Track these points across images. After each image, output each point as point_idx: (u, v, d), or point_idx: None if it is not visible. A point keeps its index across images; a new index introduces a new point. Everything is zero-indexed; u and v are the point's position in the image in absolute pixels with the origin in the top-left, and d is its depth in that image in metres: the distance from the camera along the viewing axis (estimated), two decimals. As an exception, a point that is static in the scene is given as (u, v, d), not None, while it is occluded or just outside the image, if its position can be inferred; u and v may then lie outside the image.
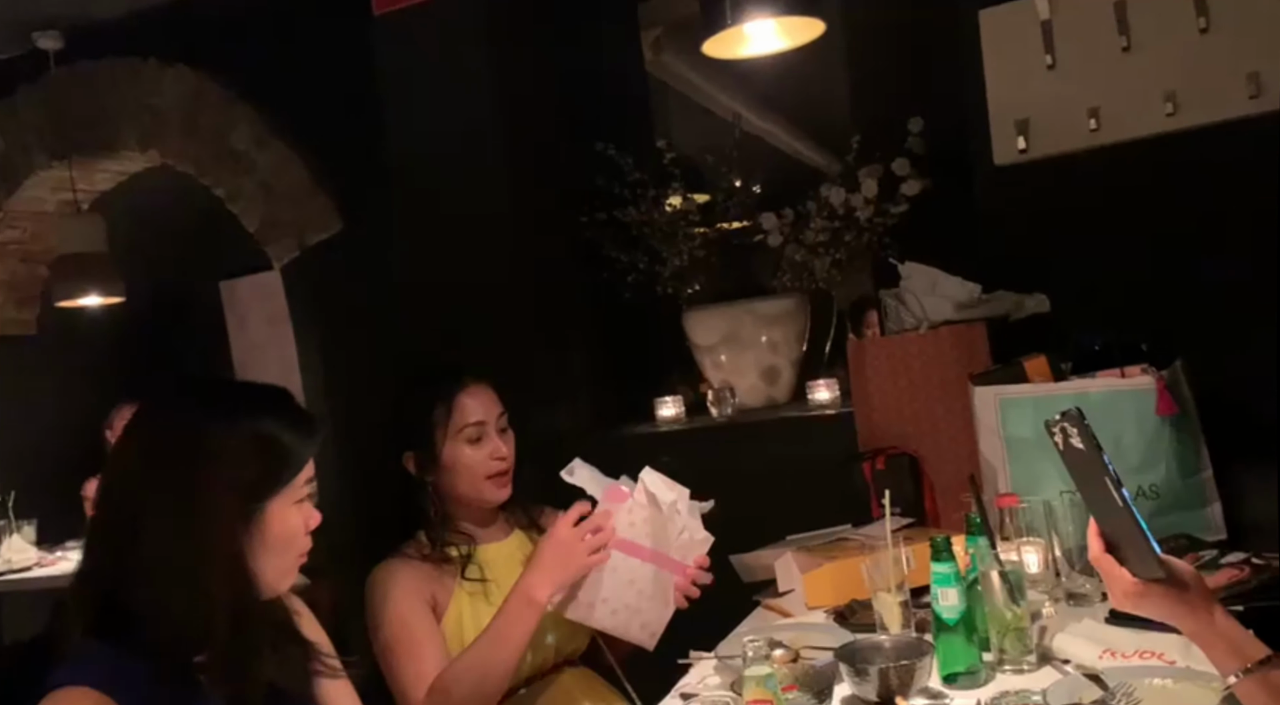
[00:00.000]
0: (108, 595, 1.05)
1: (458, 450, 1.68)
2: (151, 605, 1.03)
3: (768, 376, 2.62)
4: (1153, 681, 1.22)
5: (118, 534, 1.06)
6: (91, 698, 0.99)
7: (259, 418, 1.12)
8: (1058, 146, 2.12)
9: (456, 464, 1.68)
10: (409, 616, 1.59)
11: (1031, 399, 1.85)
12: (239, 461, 1.07)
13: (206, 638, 1.05)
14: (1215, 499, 1.77)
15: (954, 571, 1.38)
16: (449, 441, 1.68)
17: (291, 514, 1.12)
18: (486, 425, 1.69)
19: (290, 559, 1.14)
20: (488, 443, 1.69)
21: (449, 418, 1.68)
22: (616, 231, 2.64)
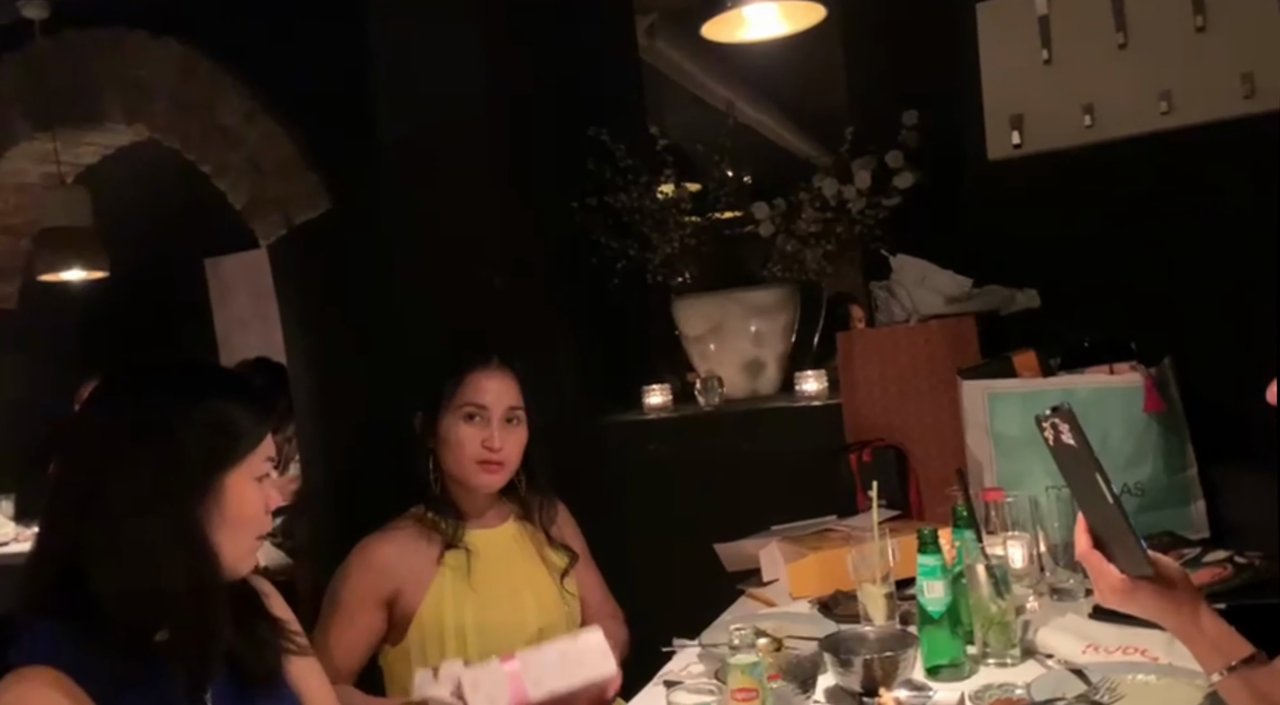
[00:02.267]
0: (64, 574, 1.04)
1: (454, 425, 1.68)
2: (109, 583, 1.02)
3: (755, 367, 2.61)
4: (1136, 677, 1.23)
5: (73, 513, 1.05)
6: (49, 677, 0.98)
7: (211, 395, 1.12)
8: (1052, 142, 2.12)
9: (449, 439, 1.68)
10: (355, 601, 1.63)
11: (1020, 394, 1.85)
12: (192, 436, 1.07)
13: (166, 614, 1.04)
14: (1199, 497, 1.78)
15: (940, 564, 1.38)
16: (448, 414, 1.69)
17: (250, 491, 1.12)
18: (489, 411, 1.69)
19: (249, 539, 1.13)
20: (484, 428, 1.68)
21: (455, 391, 1.69)
22: (607, 217, 2.62)
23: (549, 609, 1.70)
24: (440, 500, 1.71)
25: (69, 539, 1.04)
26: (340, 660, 1.60)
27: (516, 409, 1.72)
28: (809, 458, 2.24)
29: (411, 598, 1.64)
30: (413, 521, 1.70)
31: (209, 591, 1.06)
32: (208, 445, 1.08)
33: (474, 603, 1.64)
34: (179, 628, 1.04)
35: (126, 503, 1.03)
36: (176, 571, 1.03)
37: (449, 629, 1.62)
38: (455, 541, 1.67)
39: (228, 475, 1.09)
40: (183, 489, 1.06)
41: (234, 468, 1.10)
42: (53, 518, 1.08)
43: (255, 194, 3.10)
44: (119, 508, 1.03)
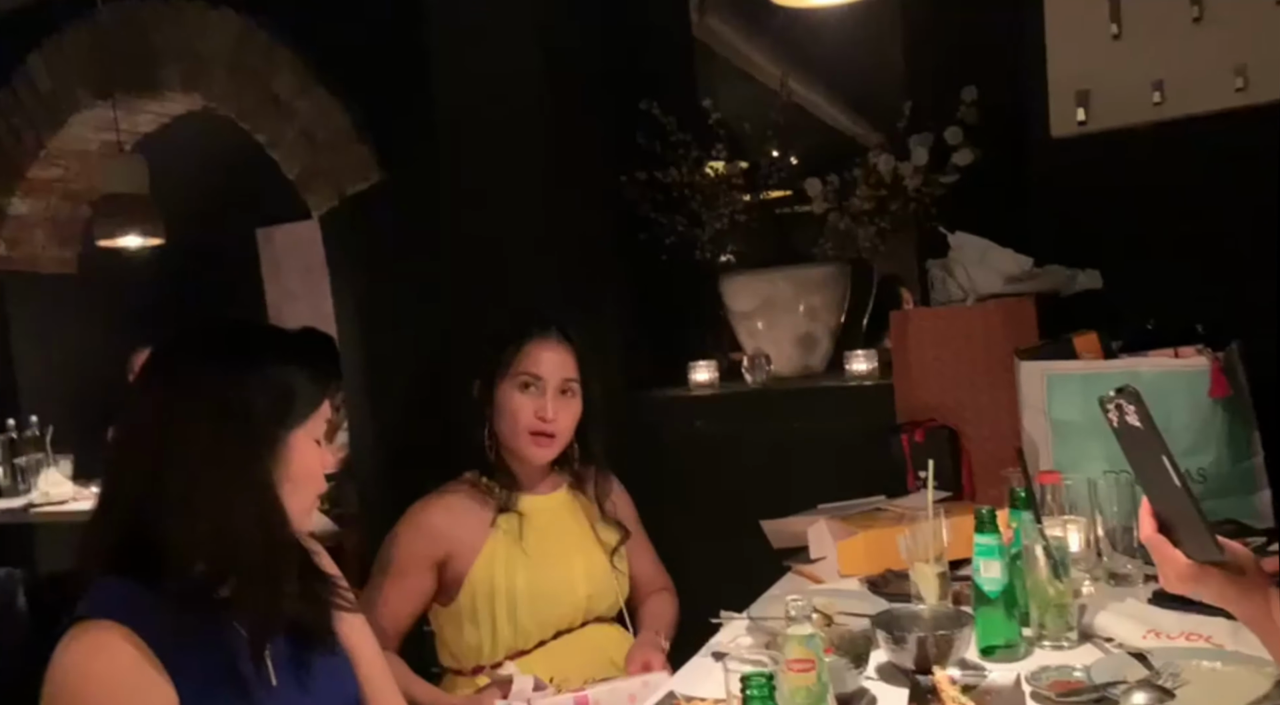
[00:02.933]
0: (129, 530, 1.06)
1: (508, 393, 1.69)
2: (177, 538, 1.04)
3: (804, 345, 2.59)
4: (1201, 663, 1.19)
5: (139, 470, 1.07)
6: (115, 630, 1.00)
7: (275, 356, 1.14)
8: (1118, 120, 2.06)
9: (504, 407, 1.69)
10: (407, 562, 1.65)
11: (1080, 376, 1.81)
12: (259, 394, 1.09)
13: (234, 567, 1.06)
14: (1265, 486, 1.73)
15: (997, 544, 1.36)
16: (504, 381, 1.70)
17: (311, 451, 1.15)
18: (544, 381, 1.70)
19: (309, 496, 1.17)
20: (538, 398, 1.69)
21: (513, 359, 1.70)
22: (656, 192, 2.61)
23: (598, 577, 1.71)
24: (495, 466, 1.72)
25: (137, 497, 1.06)
26: (389, 620, 1.62)
27: (571, 381, 1.72)
28: (857, 437, 2.22)
29: (463, 560, 1.65)
30: (467, 486, 1.71)
31: (278, 543, 1.09)
32: (273, 403, 1.10)
33: (525, 566, 1.65)
34: (247, 580, 1.06)
35: (197, 457, 1.05)
36: (248, 522, 1.05)
37: (500, 591, 1.64)
38: (508, 506, 1.68)
39: (292, 433, 1.12)
40: (251, 443, 1.08)
41: (298, 427, 1.12)
42: (119, 477, 1.10)
43: (308, 165, 3.14)
44: (190, 462, 1.05)
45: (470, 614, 1.65)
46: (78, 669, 1.00)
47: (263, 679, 1.08)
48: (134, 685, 1.00)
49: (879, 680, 1.31)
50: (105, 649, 1.00)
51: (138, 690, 1.00)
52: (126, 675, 0.99)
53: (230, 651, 1.06)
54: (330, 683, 1.18)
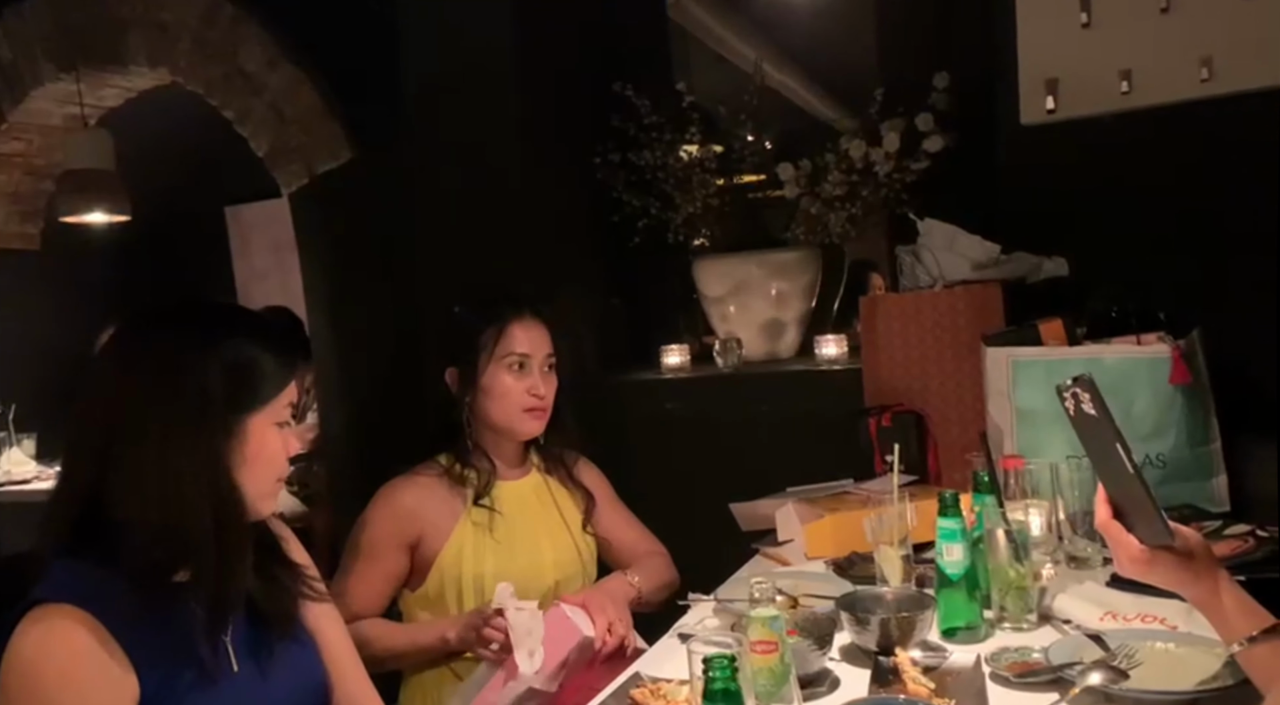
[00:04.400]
0: (88, 512, 1.04)
1: (498, 376, 1.69)
2: (133, 519, 1.03)
3: (775, 329, 2.60)
4: (1155, 644, 1.22)
5: (95, 451, 1.05)
6: (71, 614, 0.99)
7: (237, 337, 1.12)
8: (1087, 108, 2.07)
9: (493, 390, 1.69)
10: (379, 543, 1.65)
11: (1044, 362, 1.83)
12: (217, 376, 1.07)
13: (189, 551, 1.04)
14: (1222, 471, 1.77)
15: (960, 527, 1.38)
16: (491, 365, 1.69)
17: (271, 435, 1.13)
18: (531, 358, 1.70)
19: (270, 481, 1.15)
20: (528, 377, 1.69)
21: (496, 342, 1.69)
22: (629, 175, 2.60)
23: (566, 562, 1.72)
24: (473, 451, 1.71)
25: (93, 476, 1.05)
26: (362, 602, 1.62)
27: (551, 357, 1.73)
28: (827, 421, 2.24)
29: (432, 544, 1.65)
30: (439, 469, 1.70)
31: (232, 529, 1.07)
32: (232, 386, 1.08)
33: (494, 552, 1.66)
34: (201, 565, 1.05)
35: (151, 440, 1.03)
36: (201, 508, 1.04)
37: (467, 576, 1.64)
38: (484, 493, 1.68)
39: (251, 417, 1.10)
40: (207, 428, 1.06)
41: (258, 410, 1.11)
42: (76, 455, 1.09)
43: (277, 142, 3.10)
44: (144, 445, 1.03)
45: (438, 598, 1.65)
46: (36, 653, 0.98)
47: (223, 665, 1.07)
48: (94, 670, 0.98)
49: (842, 661, 1.33)
50: (64, 633, 0.99)
51: (98, 675, 0.99)
52: (87, 660, 0.98)
53: (190, 637, 1.05)
54: (295, 670, 1.17)
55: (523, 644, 1.43)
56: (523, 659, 1.42)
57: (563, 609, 1.53)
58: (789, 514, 1.85)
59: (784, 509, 1.86)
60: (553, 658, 1.47)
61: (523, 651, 1.43)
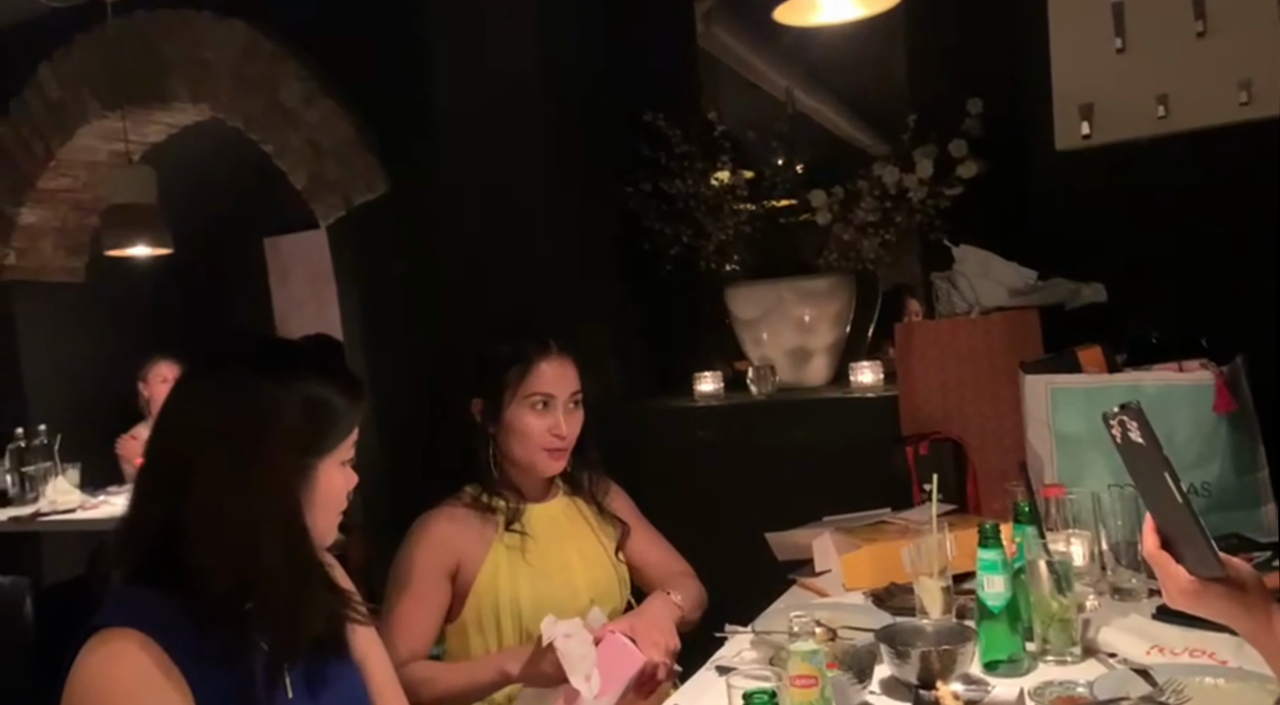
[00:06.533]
0: (157, 543, 1.06)
1: (521, 414, 1.69)
2: (206, 558, 1.04)
3: (808, 356, 2.59)
4: (1204, 680, 1.20)
5: (170, 487, 1.06)
6: (136, 639, 1.01)
7: (312, 378, 1.13)
8: (1123, 133, 2.06)
9: (516, 426, 1.69)
10: (423, 576, 1.65)
11: (1083, 390, 1.81)
12: (294, 421, 1.09)
13: (259, 589, 1.06)
14: (1270, 499, 1.73)
15: (1001, 559, 1.36)
16: (515, 403, 1.69)
17: (337, 474, 1.15)
18: (556, 399, 1.70)
19: (333, 517, 1.17)
20: (551, 415, 1.69)
21: (521, 380, 1.69)
22: (660, 203, 2.62)
23: (600, 580, 1.72)
24: (498, 482, 1.72)
25: (164, 511, 1.06)
26: (413, 637, 1.61)
27: (577, 394, 1.73)
28: (862, 449, 2.22)
29: (468, 572, 1.66)
30: (468, 499, 1.71)
31: (303, 566, 1.09)
32: (310, 429, 1.10)
33: (528, 576, 1.66)
34: (271, 601, 1.06)
35: (230, 482, 1.05)
36: (275, 549, 1.05)
37: (504, 601, 1.64)
38: (514, 519, 1.68)
39: (325, 459, 1.12)
40: (287, 472, 1.08)
41: (331, 453, 1.13)
42: (149, 490, 1.10)
43: (315, 175, 3.16)
44: (222, 486, 1.05)
45: (476, 625, 1.66)
46: (101, 675, 1.00)
47: (279, 693, 1.08)
48: (156, 693, 1.00)
49: (882, 695, 1.31)
50: (128, 656, 1.00)
51: (159, 698, 1.00)
52: (149, 683, 0.99)
53: (248, 665, 1.06)
54: (345, 694, 1.18)
55: (577, 670, 1.43)
56: (580, 684, 1.42)
57: (618, 637, 1.51)
58: (826, 544, 1.83)
59: (821, 539, 1.84)
60: (613, 686, 1.46)
61: (579, 677, 1.42)
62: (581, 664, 1.43)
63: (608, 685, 1.46)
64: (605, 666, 1.46)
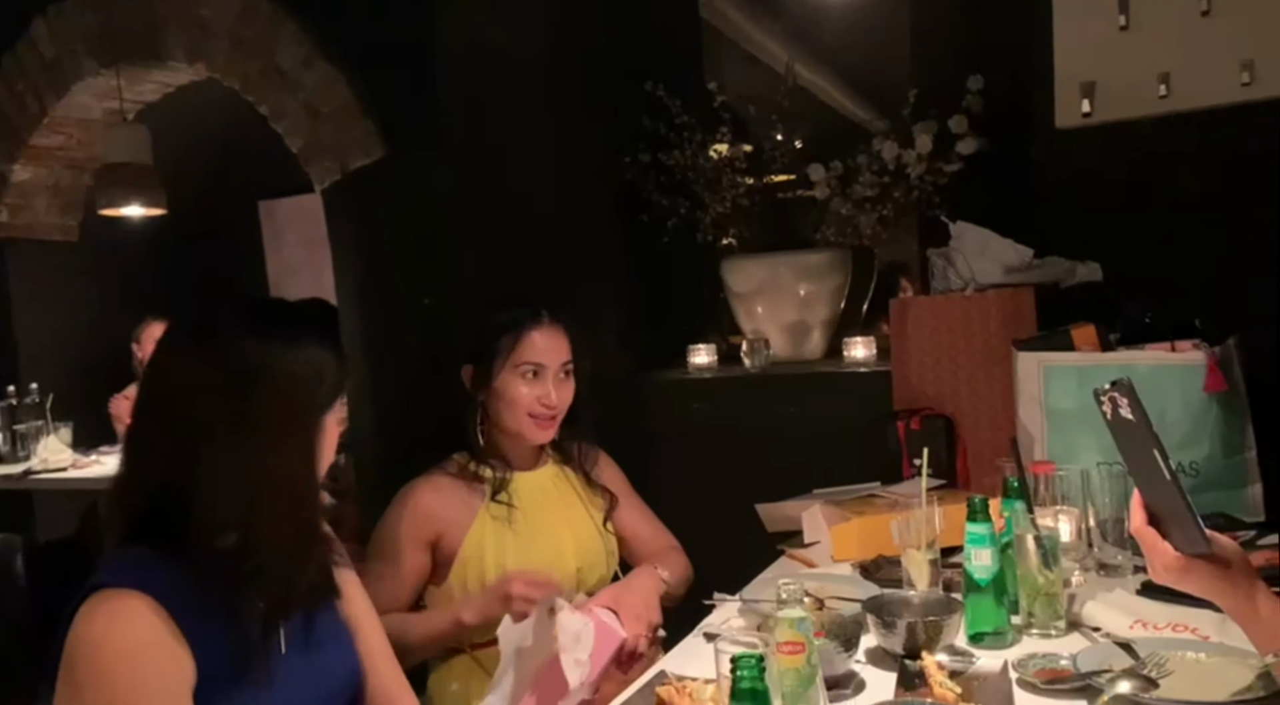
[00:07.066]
0: (153, 501, 1.06)
1: (510, 382, 1.69)
2: (213, 516, 1.04)
3: (803, 330, 2.60)
4: (1186, 654, 1.21)
5: (170, 446, 1.06)
6: (139, 600, 1.00)
7: (313, 337, 1.13)
8: (1123, 112, 2.05)
9: (505, 394, 1.70)
10: (400, 544, 1.66)
11: (1076, 368, 1.82)
12: (302, 378, 1.09)
13: (264, 545, 1.06)
14: (1257, 480, 1.74)
15: (989, 532, 1.37)
16: (505, 371, 1.70)
17: (333, 433, 1.16)
18: (546, 368, 1.70)
19: (325, 475, 1.17)
20: (541, 384, 1.70)
21: (513, 349, 1.70)
22: (659, 175, 2.61)
23: (588, 550, 1.73)
24: (486, 450, 1.73)
25: (164, 470, 1.06)
26: (387, 602, 1.63)
27: (568, 363, 1.73)
28: (854, 424, 2.23)
29: (452, 541, 1.67)
30: (456, 468, 1.72)
31: (308, 524, 1.10)
32: (315, 387, 1.10)
33: (514, 544, 1.67)
34: (274, 557, 1.06)
35: (238, 441, 1.04)
36: (282, 506, 1.06)
37: (490, 569, 1.65)
38: (500, 488, 1.69)
39: (327, 417, 1.13)
40: (295, 429, 1.08)
41: (330, 410, 1.13)
42: (147, 449, 1.09)
43: (311, 138, 3.13)
44: (229, 444, 1.04)
45: (461, 592, 1.66)
46: (102, 635, 0.99)
47: (273, 648, 1.09)
48: (156, 653, 1.00)
49: (868, 664, 1.33)
50: (131, 617, 1.00)
51: (159, 658, 1.00)
52: (149, 642, 1.00)
53: (244, 623, 1.06)
54: (334, 648, 1.19)
55: (570, 651, 1.41)
56: (569, 667, 1.40)
57: (599, 615, 1.52)
58: (815, 516, 1.84)
59: (810, 511, 1.86)
60: (596, 666, 1.46)
61: (569, 659, 1.40)
62: (575, 646, 1.41)
63: (592, 667, 1.46)
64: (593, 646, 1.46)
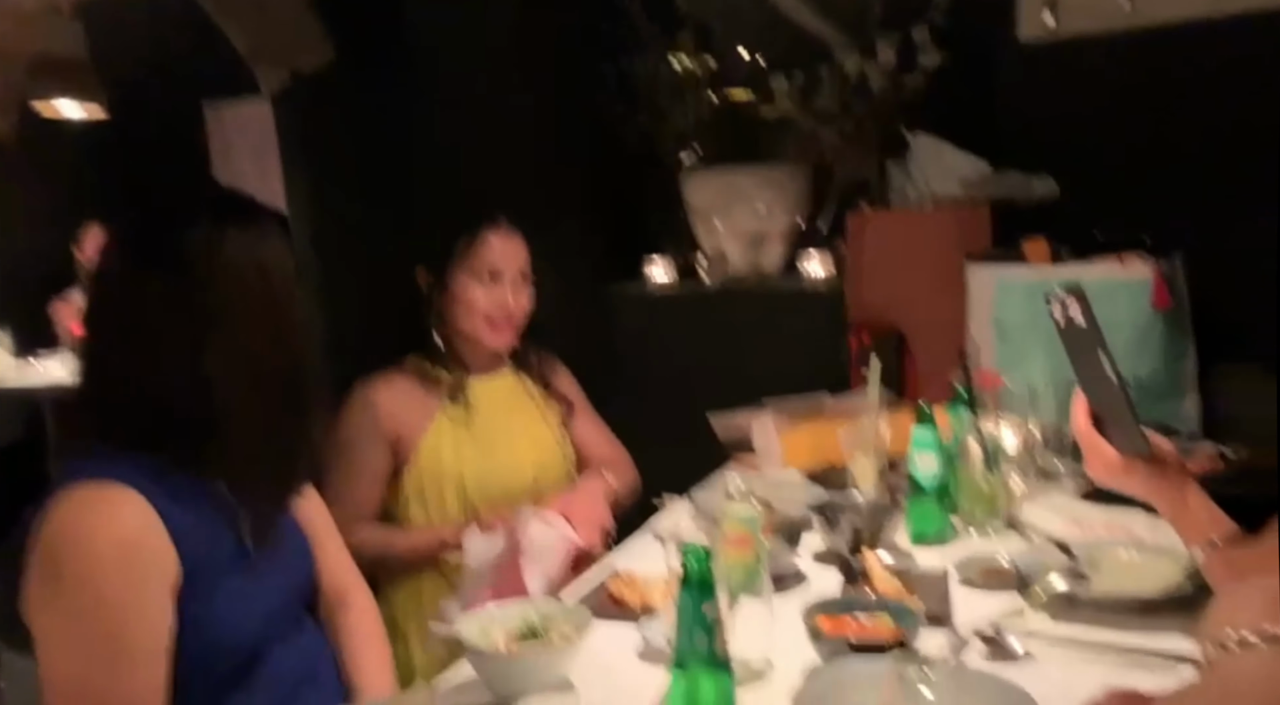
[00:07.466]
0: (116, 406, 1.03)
1: (466, 286, 1.67)
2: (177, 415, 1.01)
3: (761, 245, 2.59)
4: (1118, 553, 1.25)
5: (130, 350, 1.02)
6: (116, 489, 0.97)
7: (280, 230, 1.10)
8: (1087, 25, 2.04)
9: (461, 298, 1.68)
10: (361, 443, 1.64)
11: (1026, 283, 1.84)
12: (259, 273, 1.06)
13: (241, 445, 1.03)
14: (1194, 392, 1.79)
15: (935, 438, 1.40)
16: (461, 274, 1.67)
17: None
18: (502, 273, 1.68)
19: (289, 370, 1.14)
20: (497, 289, 1.67)
21: (468, 251, 1.67)
22: (622, 85, 2.55)
23: (545, 456, 1.73)
24: (443, 353, 1.71)
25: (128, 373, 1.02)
26: (354, 503, 1.61)
27: (526, 269, 1.71)
28: (809, 337, 2.25)
29: (409, 442, 1.65)
30: (413, 368, 1.70)
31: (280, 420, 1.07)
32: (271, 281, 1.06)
33: (471, 448, 1.67)
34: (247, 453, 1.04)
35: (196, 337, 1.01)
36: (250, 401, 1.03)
37: (447, 473, 1.65)
38: (458, 392, 1.68)
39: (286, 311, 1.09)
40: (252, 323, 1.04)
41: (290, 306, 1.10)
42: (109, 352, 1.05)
43: (258, 39, 3.00)
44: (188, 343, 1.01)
45: (418, 495, 1.66)
46: (91, 528, 0.94)
47: (243, 547, 1.08)
48: (148, 543, 0.96)
49: (813, 562, 1.36)
50: (116, 507, 0.96)
51: (152, 550, 0.96)
52: (140, 533, 0.96)
53: (218, 519, 1.05)
54: (293, 544, 1.17)
55: (537, 561, 1.41)
56: (532, 578, 1.40)
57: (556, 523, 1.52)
58: (766, 424, 1.86)
59: (761, 419, 1.88)
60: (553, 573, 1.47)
61: (534, 570, 1.41)
62: (544, 557, 1.42)
63: None
64: None
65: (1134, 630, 1.09)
